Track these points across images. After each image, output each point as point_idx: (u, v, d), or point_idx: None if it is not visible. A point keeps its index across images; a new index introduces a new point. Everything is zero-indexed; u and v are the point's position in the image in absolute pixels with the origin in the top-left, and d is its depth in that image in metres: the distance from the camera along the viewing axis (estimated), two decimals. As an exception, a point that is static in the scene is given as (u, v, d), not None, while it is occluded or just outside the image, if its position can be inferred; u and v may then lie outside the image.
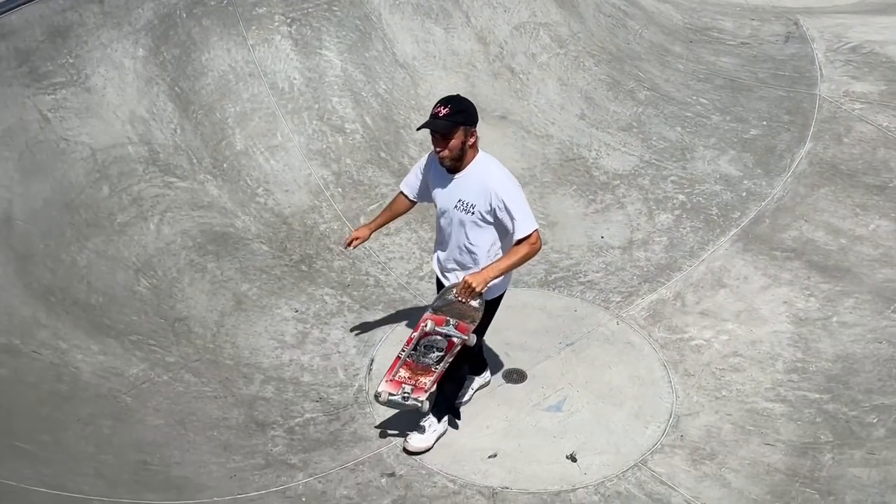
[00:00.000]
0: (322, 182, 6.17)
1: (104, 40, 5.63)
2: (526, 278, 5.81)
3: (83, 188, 5.21)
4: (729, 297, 5.61)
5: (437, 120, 3.71)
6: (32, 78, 5.27)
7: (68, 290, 4.83)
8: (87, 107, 5.44)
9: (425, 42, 7.01)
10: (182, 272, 5.30)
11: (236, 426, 4.55)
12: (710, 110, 7.53)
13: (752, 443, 4.57)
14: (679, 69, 8.10)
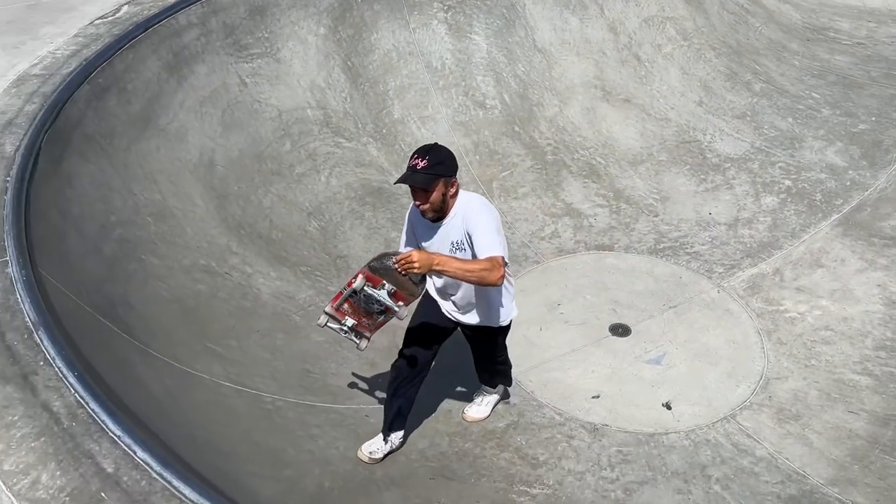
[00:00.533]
0: (462, 149, 6.29)
1: (293, 19, 5.93)
2: (637, 245, 5.86)
3: (270, 142, 5.56)
4: (825, 276, 5.50)
5: (415, 174, 3.18)
6: (235, 48, 5.61)
7: (254, 225, 5.19)
8: (277, 75, 5.76)
9: (562, 30, 7.02)
10: (344, 218, 5.60)
11: (383, 348, 4.71)
12: (821, 104, 7.28)
13: (836, 409, 4.53)
14: (794, 65, 7.82)
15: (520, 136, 6.59)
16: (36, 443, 2.61)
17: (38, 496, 2.45)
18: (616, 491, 4.06)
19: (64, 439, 2.63)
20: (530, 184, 6.33)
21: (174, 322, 4.22)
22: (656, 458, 4.27)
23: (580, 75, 6.98)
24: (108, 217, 4.35)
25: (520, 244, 5.88)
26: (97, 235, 4.17)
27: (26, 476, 2.51)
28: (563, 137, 6.68)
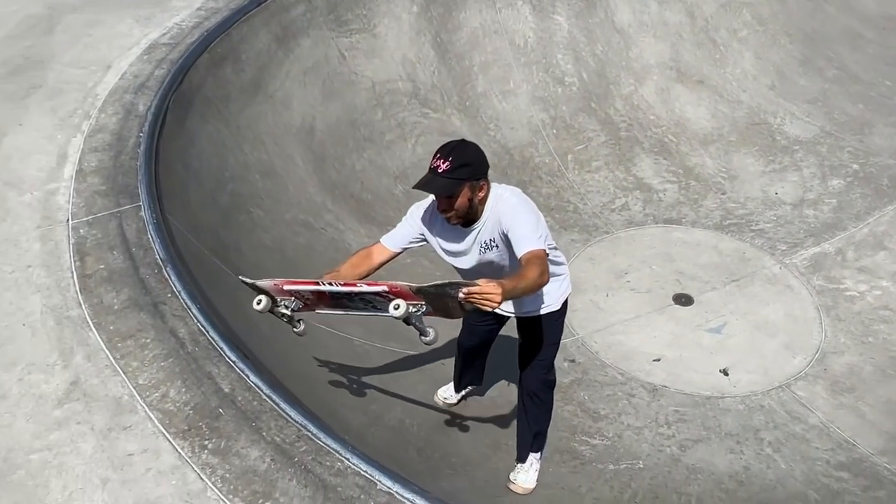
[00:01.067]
0: (541, 123, 6.31)
1: (390, -2, 5.99)
2: (703, 220, 5.80)
3: (364, 111, 5.64)
4: (887, 258, 5.36)
5: (436, 178, 2.56)
6: (336, 24, 5.70)
7: (347, 186, 5.31)
8: (373, 49, 5.83)
9: (641, 12, 6.90)
10: (428, 182, 5.72)
11: None
12: (893, 92, 6.98)
13: (890, 385, 4.46)
14: (869, 53, 7.49)
15: (595, 112, 6.53)
16: (165, 363, 2.79)
17: (167, 408, 2.62)
18: (672, 447, 4.08)
19: (188, 361, 2.80)
20: (603, 158, 6.28)
21: (276, 269, 4.36)
22: (711, 420, 4.27)
23: (656, 56, 6.85)
24: (222, 172, 4.52)
25: (591, 214, 5.87)
26: (214, 188, 4.36)
27: (157, 390, 2.69)
28: (637, 115, 6.59)
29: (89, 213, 3.54)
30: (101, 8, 5.48)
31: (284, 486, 2.35)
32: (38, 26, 5.30)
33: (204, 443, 2.50)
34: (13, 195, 3.71)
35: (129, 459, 2.45)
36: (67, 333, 2.93)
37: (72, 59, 4.89)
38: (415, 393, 4.12)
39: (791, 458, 4.02)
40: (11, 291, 3.15)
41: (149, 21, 5.24)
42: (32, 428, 2.58)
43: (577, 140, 6.37)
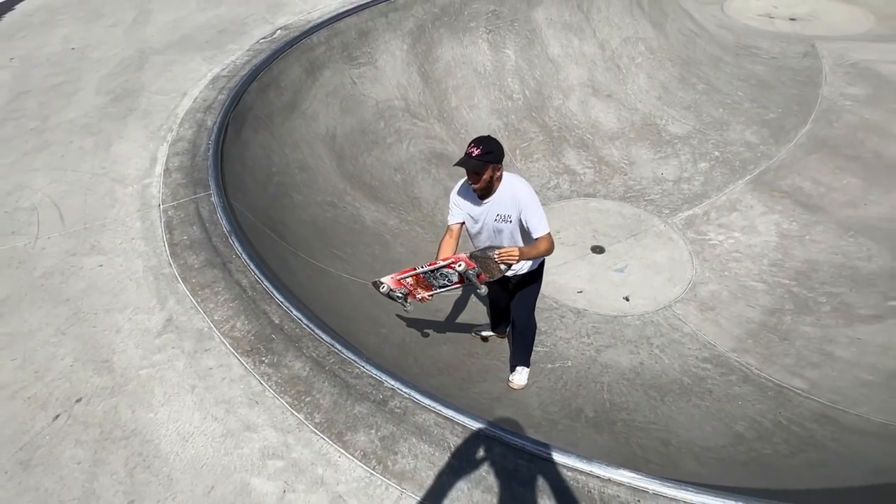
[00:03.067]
0: (497, 128, 6.18)
1: (386, 39, 5.77)
2: (612, 194, 5.71)
3: (371, 122, 5.49)
4: (738, 217, 5.32)
5: (471, 160, 2.70)
6: (349, 59, 5.52)
7: (361, 176, 5.19)
8: (375, 76, 5.66)
9: (566, 46, 6.70)
10: (418, 173, 5.56)
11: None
12: (743, 100, 6.84)
13: (739, 304, 4.47)
14: (727, 72, 7.33)
15: (535, 119, 6.40)
16: (233, 304, 2.77)
17: (235, 335, 2.61)
18: (590, 351, 4.10)
19: (248, 302, 2.78)
20: (541, 152, 6.20)
21: (312, 236, 4.32)
22: (617, 332, 4.29)
23: (578, 78, 6.70)
24: (270, 168, 4.42)
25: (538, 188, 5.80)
26: (264, 179, 4.26)
27: (227, 323, 2.67)
28: (565, 121, 6.47)
29: (174, 200, 3.47)
30: (177, 51, 5.28)
31: (319, 385, 2.36)
32: (132, 65, 5.11)
33: (262, 359, 2.49)
34: (119, 188, 3.62)
35: (209, 372, 2.45)
36: (162, 286, 2.90)
37: (158, 89, 4.73)
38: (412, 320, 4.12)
39: (672, 356, 4.05)
40: (121, 257, 3.09)
41: (212, 60, 5.06)
42: (140, 352, 2.56)
43: (522, 139, 6.25)
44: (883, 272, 4.40)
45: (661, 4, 7.71)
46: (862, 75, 7.20)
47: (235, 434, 2.18)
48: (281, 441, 2.16)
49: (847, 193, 5.35)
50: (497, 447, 2.08)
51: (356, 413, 2.24)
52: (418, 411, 2.25)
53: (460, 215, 3.03)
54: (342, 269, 4.18)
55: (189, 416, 2.26)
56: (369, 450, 2.10)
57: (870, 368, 3.57)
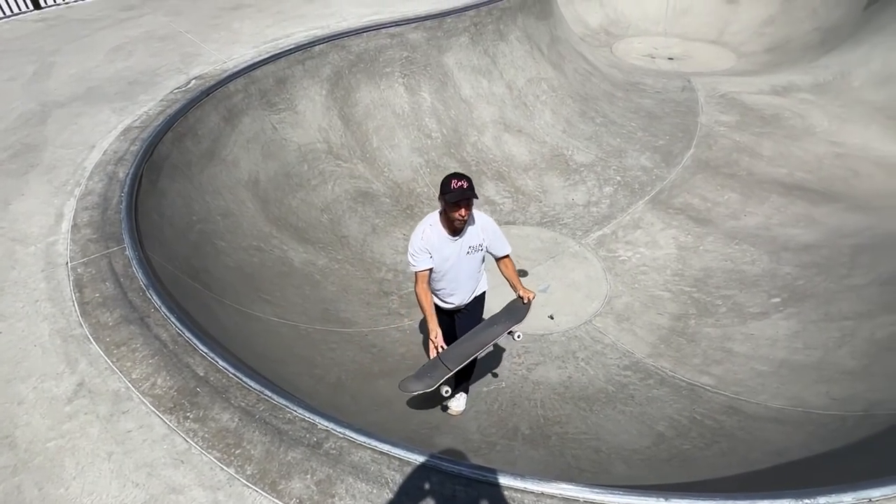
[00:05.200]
0: (418, 165, 6.25)
1: (305, 85, 5.71)
2: (529, 220, 5.90)
3: (294, 165, 5.37)
4: (642, 234, 5.64)
5: (470, 191, 2.67)
6: (268, 105, 5.40)
7: (287, 218, 5.04)
8: (296, 121, 5.56)
9: (477, 87, 6.96)
10: (345, 212, 5.49)
11: (372, 293, 4.81)
12: (636, 129, 7.40)
13: (650, 313, 4.70)
14: (620, 105, 7.92)
15: (454, 155, 6.55)
16: (153, 360, 2.56)
17: (156, 393, 2.41)
18: (522, 370, 4.16)
19: (170, 357, 2.58)
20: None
21: (238, 282, 4.12)
22: (545, 349, 4.37)
23: (490, 116, 6.98)
24: (190, 216, 4.19)
25: (457, 223, 5.89)
26: (184, 228, 4.04)
27: (147, 381, 2.46)
28: (481, 155, 6.68)
29: (84, 256, 3.19)
30: (84, 103, 4.96)
31: (249, 436, 2.22)
32: (33, 119, 4.73)
33: (186, 414, 2.31)
34: (20, 248, 3.29)
35: (128, 435, 2.23)
36: (72, 348, 2.63)
37: (63, 142, 4.39)
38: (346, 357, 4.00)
39: (596, 366, 4.18)
40: (24, 322, 2.79)
41: (123, 111, 4.78)
42: (48, 423, 2.30)
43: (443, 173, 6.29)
44: (765, 273, 4.83)
45: (558, 48, 8.28)
46: (730, 104, 8.05)
47: (159, 498, 1.99)
48: (210, 499, 1.99)
49: (729, 207, 5.89)
50: (434, 476, 2.04)
51: (290, 459, 2.12)
52: (354, 450, 2.17)
53: (430, 261, 2.91)
54: (271, 312, 4.01)
55: (106, 486, 2.04)
56: (305, 496, 1.99)
57: (763, 360, 3.87)
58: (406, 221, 5.77)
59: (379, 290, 4.93)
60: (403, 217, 5.81)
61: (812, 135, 7.39)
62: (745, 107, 7.97)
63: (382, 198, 5.91)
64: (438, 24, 6.77)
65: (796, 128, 7.52)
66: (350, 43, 6.24)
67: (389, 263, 5.26)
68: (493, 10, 7.22)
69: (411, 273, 2.96)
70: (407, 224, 5.74)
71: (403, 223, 5.74)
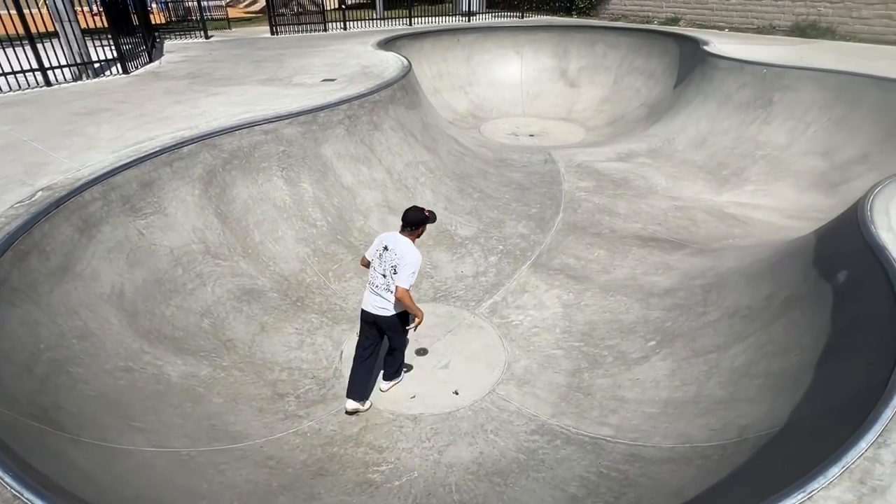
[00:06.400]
0: (305, 255, 6.12)
1: (174, 187, 5.43)
2: (423, 297, 5.96)
3: (167, 271, 4.99)
4: (529, 297, 5.90)
5: (433, 215, 4.06)
6: (132, 211, 5.02)
7: (160, 330, 4.59)
8: (167, 225, 5.22)
9: (358, 174, 7.10)
10: (228, 313, 5.14)
11: (266, 397, 4.47)
12: (510, 201, 7.95)
13: (548, 373, 4.83)
14: (493, 180, 8.51)
15: (342, 241, 6.52)
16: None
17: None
18: (433, 454, 4.03)
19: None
20: (353, 270, 6.28)
21: (101, 412, 3.59)
22: (454, 427, 4.30)
23: (374, 200, 7.12)
24: (37, 345, 3.62)
25: (352, 310, 5.74)
26: (28, 360, 3.46)
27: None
28: (369, 238, 6.68)
29: None
30: None
31: None
32: None
33: None
34: None
35: None
36: None
37: None
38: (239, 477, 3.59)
39: (505, 436, 4.16)
40: None
41: (-54, 233, 4.14)
42: None
43: (333, 262, 6.28)
44: (639, 320, 5.28)
45: (430, 134, 8.86)
46: (586, 172, 9.06)
47: None
48: None
49: (600, 262, 6.46)
50: None
51: None
52: None
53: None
54: (145, 442, 3.53)
55: None
56: None
57: (650, 402, 4.13)
58: (297, 314, 5.53)
59: (273, 394, 4.58)
60: (294, 310, 5.57)
61: (655, 192, 8.51)
62: (598, 173, 9.01)
63: (270, 293, 5.64)
64: (313, 119, 6.93)
65: (642, 188, 8.63)
66: (222, 141, 6.13)
67: (283, 362, 4.95)
68: (364, 104, 7.58)
69: (405, 290, 3.98)
70: (298, 317, 5.49)
71: (294, 317, 5.49)
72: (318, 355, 5.11)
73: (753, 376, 3.69)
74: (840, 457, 2.02)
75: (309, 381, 4.78)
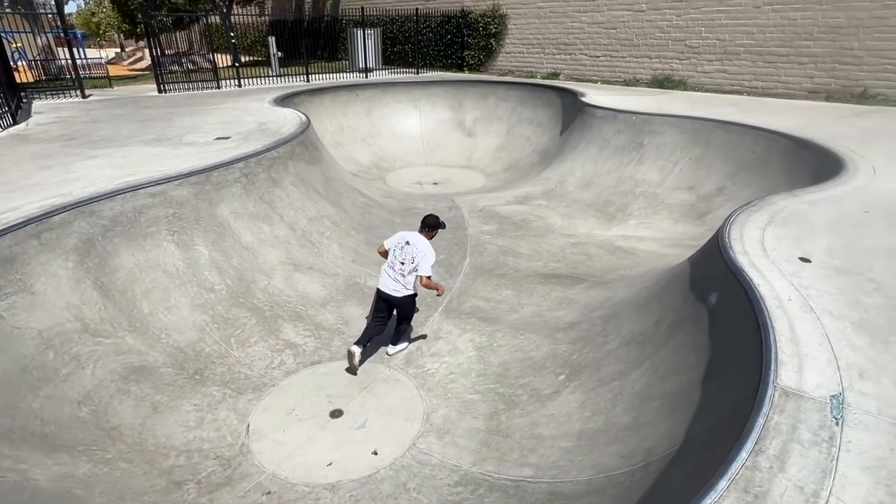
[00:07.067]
0: (203, 323, 5.71)
1: (42, 261, 4.86)
2: (337, 355, 5.72)
3: (34, 357, 4.37)
4: (444, 343, 5.91)
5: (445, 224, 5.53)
6: (-13, 291, 4.42)
7: (26, 427, 3.97)
8: (34, 304, 4.62)
9: (258, 233, 6.86)
10: (113, 397, 4.59)
11: (160, 489, 4.00)
12: (420, 248, 8.13)
13: (466, 419, 4.80)
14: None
15: (244, 303, 6.18)
16: None
17: None
18: (353, 524, 3.80)
19: None
20: (258, 334, 5.95)
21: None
22: (375, 490, 4.10)
23: (277, 258, 6.87)
24: None
25: (259, 376, 5.41)
26: None
27: None
28: (274, 299, 6.44)
29: None
30: None
31: None
32: None
33: None
34: None
35: None
36: None
37: None
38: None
39: (428, 493, 4.04)
40: None
41: None
42: None
43: (235, 327, 5.90)
44: (548, 356, 5.48)
45: (334, 187, 8.83)
46: (489, 216, 9.46)
47: None
48: None
49: (508, 303, 6.68)
50: None
51: None
52: None
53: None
54: None
55: None
56: None
57: (566, 436, 4.24)
58: (196, 389, 5.08)
59: (168, 483, 4.10)
60: (192, 385, 5.12)
61: (553, 231, 9.07)
62: (500, 216, 9.45)
63: (163, 369, 5.14)
64: (206, 178, 6.63)
65: (540, 228, 9.16)
66: (101, 208, 5.64)
67: (180, 445, 4.49)
68: (262, 161, 7.42)
69: (428, 277, 5.25)
70: (197, 392, 5.05)
71: (193, 392, 5.04)
72: (222, 432, 4.70)
73: (652, 399, 3.94)
74: (726, 469, 2.20)
75: (211, 463, 4.36)
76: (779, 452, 2.35)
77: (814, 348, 3.11)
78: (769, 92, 13.72)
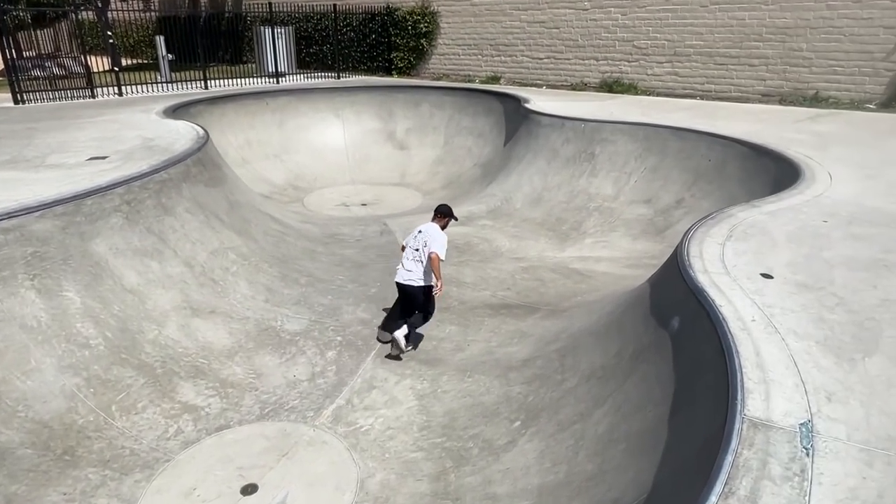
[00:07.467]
0: (75, 387, 5.30)
1: None
2: (247, 417, 5.53)
3: None
4: (379, 394, 5.84)
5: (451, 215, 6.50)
6: None
7: None
8: None
9: (146, 273, 6.52)
10: (-51, 493, 4.19)
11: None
12: (346, 282, 8.01)
13: (409, 482, 4.71)
14: (323, 261, 8.55)
15: (128, 361, 5.82)
16: None
17: None
18: None
19: None
20: (147, 398, 5.61)
21: None
22: (299, 581, 3.94)
23: (170, 302, 6.56)
24: None
25: (149, 450, 5.09)
26: None
27: None
28: (167, 352, 6.12)
29: None
30: None
31: None
32: None
33: None
34: None
35: None
36: None
37: None
38: None
39: (365, 577, 3.93)
40: None
41: None
42: None
43: (117, 391, 5.52)
44: (500, 399, 5.53)
45: (241, 213, 8.61)
46: (426, 241, 9.53)
47: None
48: None
49: (452, 340, 6.72)
50: None
51: None
52: None
53: None
54: None
55: None
56: None
57: (523, 493, 4.28)
58: (66, 472, 4.70)
59: None
60: (60, 468, 4.73)
61: (500, 255, 9.27)
62: (439, 240, 9.54)
63: (20, 450, 4.72)
64: (76, 208, 6.28)
65: (486, 251, 9.34)
66: (-67, 249, 5.20)
67: (44, 548, 4.10)
68: (148, 185, 7.14)
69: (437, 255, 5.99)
70: (67, 477, 4.66)
71: (61, 478, 4.65)
72: (101, 525, 4.35)
73: (617, 441, 4.06)
74: (696, 516, 2.29)
75: (87, 567, 4.01)
76: (749, 492, 2.49)
77: (780, 372, 3.34)
78: (722, 95, 14.90)
